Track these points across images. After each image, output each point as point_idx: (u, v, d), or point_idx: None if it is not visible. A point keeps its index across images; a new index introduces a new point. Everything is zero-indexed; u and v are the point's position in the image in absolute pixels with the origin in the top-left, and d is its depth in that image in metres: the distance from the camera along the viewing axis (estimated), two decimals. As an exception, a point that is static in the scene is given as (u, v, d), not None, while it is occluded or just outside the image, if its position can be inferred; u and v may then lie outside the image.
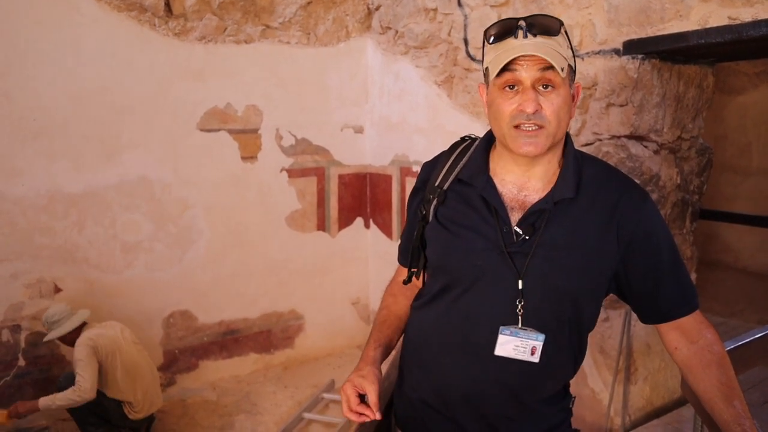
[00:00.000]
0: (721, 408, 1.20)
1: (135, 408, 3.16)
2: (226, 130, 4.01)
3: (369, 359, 1.37)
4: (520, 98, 1.18)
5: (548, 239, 1.23)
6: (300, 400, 3.87)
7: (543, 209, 1.24)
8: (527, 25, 1.18)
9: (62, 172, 3.50)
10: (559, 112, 1.19)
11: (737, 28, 2.25)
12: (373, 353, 1.39)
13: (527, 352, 1.23)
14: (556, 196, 1.24)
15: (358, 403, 1.27)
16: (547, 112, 1.18)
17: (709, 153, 3.18)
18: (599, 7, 2.80)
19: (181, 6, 3.74)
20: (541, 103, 1.18)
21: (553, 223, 1.24)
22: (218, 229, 4.06)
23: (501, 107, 1.21)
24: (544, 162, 1.26)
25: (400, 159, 4.34)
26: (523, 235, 1.23)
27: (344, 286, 4.71)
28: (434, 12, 3.83)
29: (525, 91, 1.18)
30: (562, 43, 1.20)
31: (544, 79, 1.17)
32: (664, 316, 1.31)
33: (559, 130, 1.21)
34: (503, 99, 1.21)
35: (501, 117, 1.22)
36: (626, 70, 2.73)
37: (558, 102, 1.19)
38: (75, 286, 3.59)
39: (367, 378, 1.30)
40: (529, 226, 1.24)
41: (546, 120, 1.18)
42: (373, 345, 1.41)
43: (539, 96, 1.18)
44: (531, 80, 1.17)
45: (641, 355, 3.06)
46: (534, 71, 1.17)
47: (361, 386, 1.29)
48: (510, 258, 1.23)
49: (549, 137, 1.20)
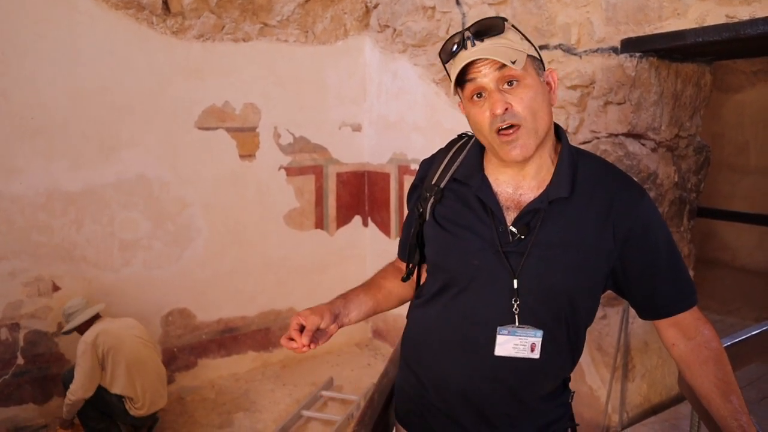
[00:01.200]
0: (719, 403, 1.21)
1: (136, 404, 3.16)
2: (225, 128, 4.01)
3: (330, 301, 1.40)
4: (489, 103, 1.19)
5: (543, 238, 1.23)
6: (298, 398, 3.88)
7: (538, 209, 1.24)
8: (473, 33, 1.19)
9: (60, 170, 3.50)
10: (532, 105, 1.19)
11: (735, 26, 2.25)
12: (337, 300, 1.43)
13: (527, 349, 1.23)
14: (551, 195, 1.24)
15: (295, 330, 1.29)
16: (518, 108, 1.18)
17: (707, 151, 3.19)
18: (597, 6, 2.80)
19: (179, 4, 3.74)
20: (510, 100, 1.18)
21: (549, 221, 1.24)
22: (217, 228, 4.06)
23: (476, 118, 1.22)
24: (535, 159, 1.26)
25: (398, 157, 4.35)
26: (518, 235, 1.24)
27: (342, 284, 4.60)
28: (432, 10, 3.83)
29: (491, 94, 1.19)
30: (512, 38, 1.20)
31: (504, 77, 1.18)
32: (662, 313, 1.31)
33: (539, 122, 1.20)
34: (476, 109, 1.22)
35: (480, 127, 1.23)
36: (624, 68, 2.73)
37: (528, 95, 1.18)
38: (73, 285, 3.59)
39: (315, 311, 1.33)
40: (524, 225, 1.24)
41: (519, 117, 1.18)
42: (340, 295, 1.46)
43: (506, 95, 1.18)
44: (493, 82, 1.18)
45: (639, 352, 3.07)
46: (492, 73, 1.18)
47: (305, 316, 1.31)
48: (505, 257, 1.23)
49: (530, 133, 1.19)
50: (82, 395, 3.10)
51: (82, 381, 3.08)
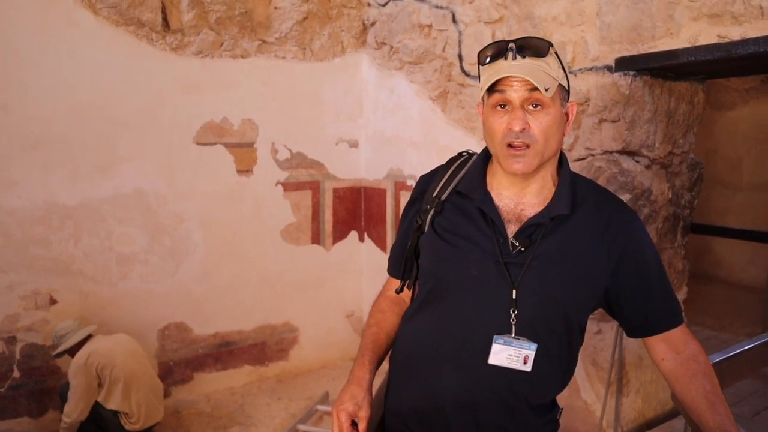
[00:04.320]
0: (707, 414, 1.24)
1: (131, 419, 3.16)
2: (222, 143, 4.04)
3: (363, 382, 1.36)
4: (510, 117, 1.23)
5: (543, 252, 1.27)
6: (294, 412, 3.87)
7: (540, 223, 1.29)
8: (517, 47, 1.23)
9: (58, 183, 3.52)
10: (547, 131, 1.23)
11: (726, 46, 2.30)
12: (367, 376, 1.38)
13: (520, 361, 1.26)
14: (553, 212, 1.29)
15: (350, 430, 1.30)
16: (534, 131, 1.22)
17: (700, 168, 3.23)
18: (591, 25, 2.86)
19: (178, 21, 3.78)
20: (530, 122, 1.22)
21: (549, 237, 1.28)
22: (213, 242, 4.07)
23: (493, 126, 1.26)
24: (537, 179, 1.31)
25: (394, 173, 4.38)
26: (519, 247, 1.27)
27: (338, 299, 4.72)
28: (429, 28, 3.89)
29: (514, 111, 1.23)
30: (551, 64, 1.24)
31: (532, 98, 1.22)
32: (653, 329, 1.36)
33: (547, 148, 1.25)
34: (495, 118, 1.26)
35: (493, 135, 1.27)
36: (618, 86, 2.78)
37: (546, 121, 1.23)
38: (70, 298, 3.59)
39: (363, 407, 1.32)
40: (525, 238, 1.28)
41: (533, 138, 1.22)
42: (366, 366, 1.40)
43: (528, 115, 1.22)
44: (520, 100, 1.22)
45: (633, 367, 3.09)
46: (522, 91, 1.22)
47: (355, 414, 1.31)
48: (506, 268, 1.26)
49: (537, 155, 1.24)
50: (77, 418, 3.10)
51: (77, 404, 3.07)
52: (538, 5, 3.12)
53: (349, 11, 4.42)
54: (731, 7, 2.31)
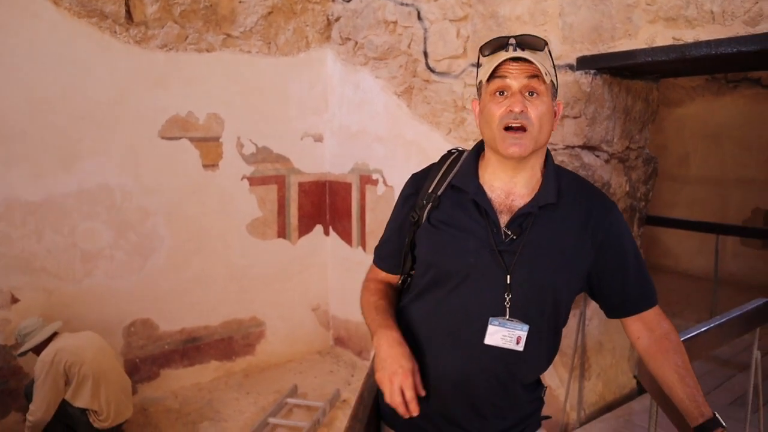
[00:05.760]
0: (678, 386, 1.35)
1: (100, 416, 3.13)
2: (188, 138, 4.02)
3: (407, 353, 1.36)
4: (509, 101, 1.33)
5: (533, 239, 1.36)
6: (263, 406, 3.90)
7: (529, 212, 1.38)
8: (517, 41, 1.34)
9: (20, 179, 3.44)
10: (542, 118, 1.34)
11: (681, 48, 2.43)
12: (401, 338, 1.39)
13: (513, 341, 1.35)
14: (541, 201, 1.38)
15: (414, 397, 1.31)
16: (532, 115, 1.32)
17: (654, 162, 3.39)
18: (554, 25, 2.97)
19: (142, 14, 3.74)
20: (527, 106, 1.32)
21: (538, 225, 1.37)
22: (179, 237, 4.05)
23: (492, 110, 1.35)
24: (527, 168, 1.40)
25: (360, 167, 4.43)
26: (511, 236, 1.36)
27: (304, 293, 4.75)
28: (394, 24, 3.94)
29: (513, 95, 1.33)
30: (545, 60, 1.35)
31: (530, 86, 1.32)
32: (631, 310, 1.47)
33: (541, 134, 1.35)
34: (494, 103, 1.35)
35: (492, 119, 1.35)
36: (580, 84, 2.89)
37: (542, 108, 1.34)
38: (33, 296, 3.53)
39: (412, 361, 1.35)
40: (516, 227, 1.37)
41: (530, 122, 1.32)
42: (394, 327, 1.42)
43: (525, 101, 1.32)
44: (518, 86, 1.33)
45: (594, 352, 3.23)
46: (522, 79, 1.32)
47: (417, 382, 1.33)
48: (500, 255, 1.35)
49: (532, 140, 1.33)
50: (42, 417, 3.05)
51: (42, 401, 3.03)
52: (502, 4, 3.22)
53: (313, 6, 4.44)
54: (685, 11, 2.44)
